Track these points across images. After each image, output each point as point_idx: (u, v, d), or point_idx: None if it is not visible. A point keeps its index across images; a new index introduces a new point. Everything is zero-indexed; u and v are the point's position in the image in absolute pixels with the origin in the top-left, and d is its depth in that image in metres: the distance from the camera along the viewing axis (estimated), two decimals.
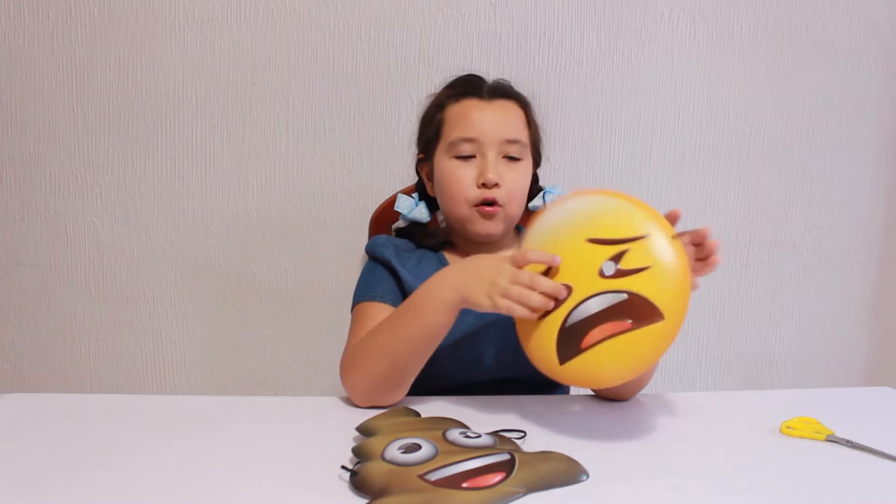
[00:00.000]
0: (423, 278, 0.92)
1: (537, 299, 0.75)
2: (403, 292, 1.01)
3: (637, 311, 0.72)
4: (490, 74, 1.10)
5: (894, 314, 1.67)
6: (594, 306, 0.73)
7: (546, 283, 0.75)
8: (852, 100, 1.56)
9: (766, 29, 1.51)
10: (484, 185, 0.98)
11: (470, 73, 1.11)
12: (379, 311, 0.98)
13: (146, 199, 1.49)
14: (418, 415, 0.82)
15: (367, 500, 0.64)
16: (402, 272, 1.02)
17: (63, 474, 0.69)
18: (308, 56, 1.45)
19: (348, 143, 1.48)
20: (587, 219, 0.75)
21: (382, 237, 1.09)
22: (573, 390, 1.34)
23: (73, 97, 1.45)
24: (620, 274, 0.73)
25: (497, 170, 0.99)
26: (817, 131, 1.57)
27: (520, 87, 1.17)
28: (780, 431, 0.82)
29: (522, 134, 1.03)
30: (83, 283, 1.52)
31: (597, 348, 0.72)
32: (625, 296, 0.72)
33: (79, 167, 1.47)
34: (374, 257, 1.06)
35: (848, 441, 0.79)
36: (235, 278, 1.52)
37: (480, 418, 0.82)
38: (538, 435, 0.80)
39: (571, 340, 0.74)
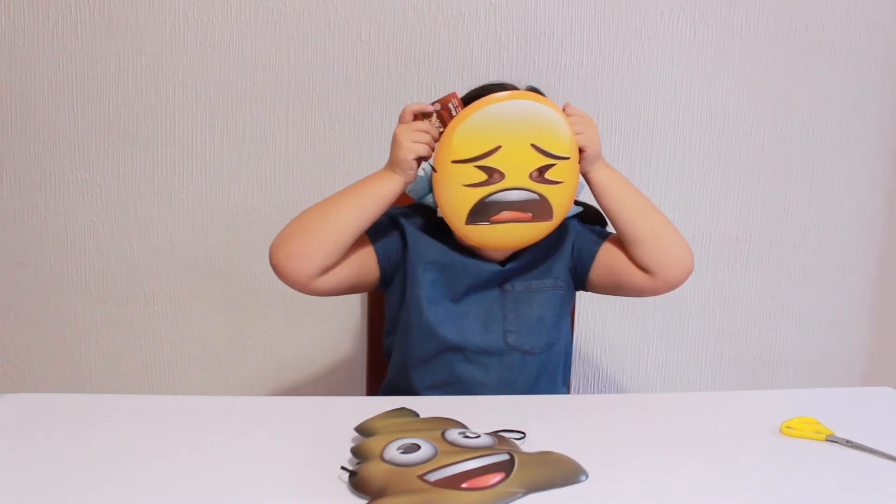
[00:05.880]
0: (426, 237, 1.03)
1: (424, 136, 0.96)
2: (405, 246, 1.05)
3: (539, 209, 0.97)
4: (490, 74, 1.10)
5: (894, 314, 1.67)
6: (514, 196, 0.95)
7: (421, 124, 0.97)
8: (852, 100, 1.56)
9: (766, 29, 1.51)
10: None
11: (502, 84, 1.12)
12: (362, 240, 1.02)
13: (146, 199, 1.49)
14: (417, 415, 0.82)
15: (366, 501, 0.64)
16: (406, 224, 1.06)
17: (63, 474, 0.69)
18: (308, 56, 1.45)
19: (348, 143, 1.48)
20: (535, 126, 0.94)
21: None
22: (573, 390, 1.34)
23: (73, 97, 1.45)
24: (542, 181, 0.95)
25: None
26: (817, 131, 1.56)
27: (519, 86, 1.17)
28: (780, 431, 0.82)
29: None
30: (83, 283, 1.52)
31: (499, 226, 0.97)
32: (537, 196, 0.96)
33: (79, 167, 1.47)
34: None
35: (848, 441, 0.79)
36: (235, 278, 1.52)
37: (480, 418, 0.82)
38: (538, 435, 0.80)
39: (484, 213, 0.96)
